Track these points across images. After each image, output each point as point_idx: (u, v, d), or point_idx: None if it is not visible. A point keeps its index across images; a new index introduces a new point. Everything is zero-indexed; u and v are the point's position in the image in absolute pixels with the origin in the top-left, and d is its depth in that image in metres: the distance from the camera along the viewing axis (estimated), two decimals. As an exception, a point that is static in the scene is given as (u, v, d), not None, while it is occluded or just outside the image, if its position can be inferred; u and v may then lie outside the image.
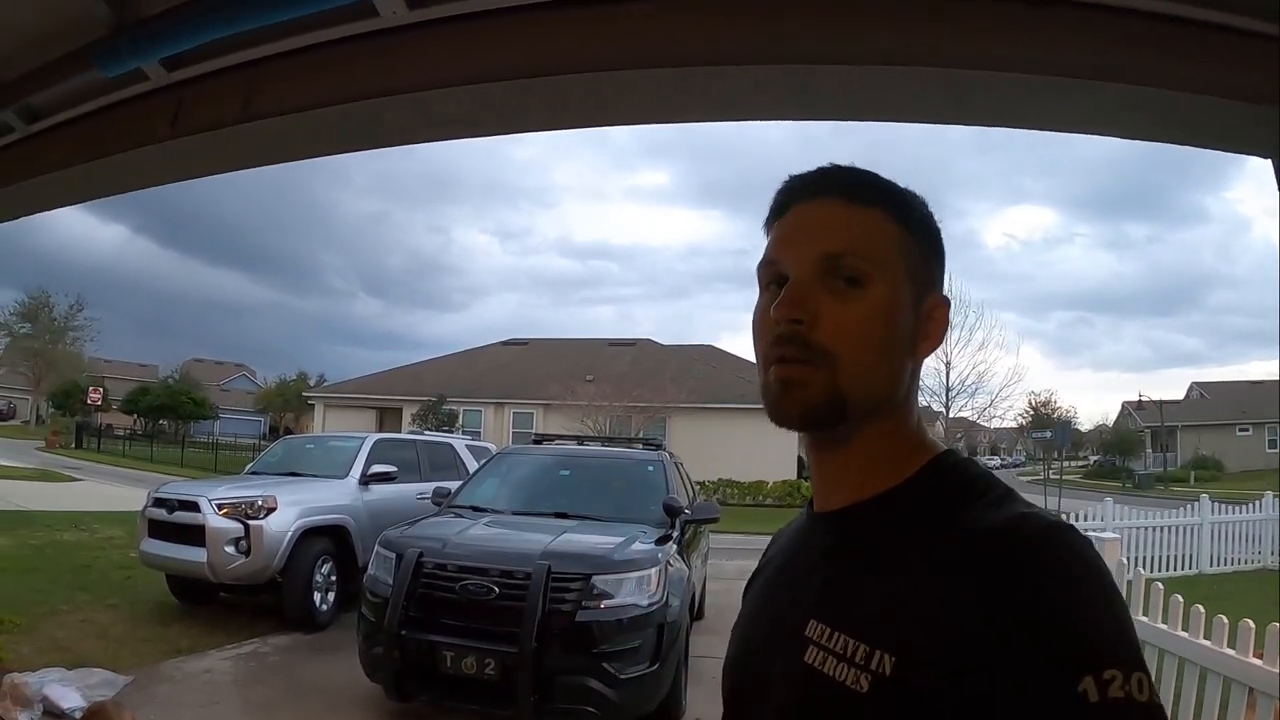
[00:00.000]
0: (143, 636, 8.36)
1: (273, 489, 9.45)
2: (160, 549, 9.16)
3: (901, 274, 1.03)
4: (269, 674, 7.66)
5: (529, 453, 9.96)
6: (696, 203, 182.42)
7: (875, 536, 1.00)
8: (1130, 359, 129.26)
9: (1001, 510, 0.93)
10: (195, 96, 1.91)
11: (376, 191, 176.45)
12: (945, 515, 0.95)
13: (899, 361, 1.04)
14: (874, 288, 1.01)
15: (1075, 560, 0.86)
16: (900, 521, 0.99)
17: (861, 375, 1.00)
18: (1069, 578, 0.85)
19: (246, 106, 1.84)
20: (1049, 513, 0.94)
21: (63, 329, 58.73)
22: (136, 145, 2.01)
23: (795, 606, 1.04)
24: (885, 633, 0.90)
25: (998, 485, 1.00)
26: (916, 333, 1.06)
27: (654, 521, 7.49)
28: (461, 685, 5.95)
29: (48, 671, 6.63)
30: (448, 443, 13.44)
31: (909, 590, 0.90)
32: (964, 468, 1.04)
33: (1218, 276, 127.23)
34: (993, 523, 0.91)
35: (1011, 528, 0.89)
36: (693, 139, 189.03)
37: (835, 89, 1.63)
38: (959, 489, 0.99)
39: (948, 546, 0.91)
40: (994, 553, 0.87)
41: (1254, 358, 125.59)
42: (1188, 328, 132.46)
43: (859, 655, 0.90)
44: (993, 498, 0.96)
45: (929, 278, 1.08)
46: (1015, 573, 0.84)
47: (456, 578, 6.14)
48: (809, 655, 0.96)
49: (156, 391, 57.87)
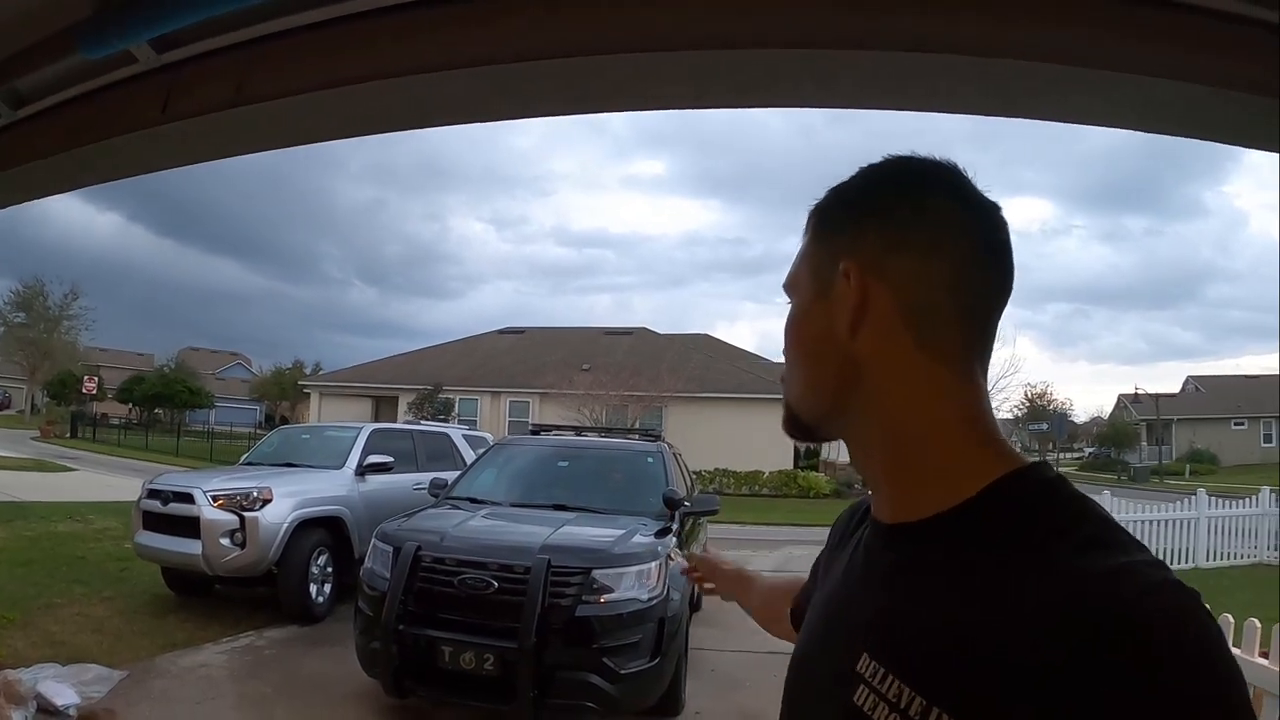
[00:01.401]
0: (138, 630, 8.32)
1: (268, 480, 9.40)
2: (155, 541, 9.12)
3: (806, 279, 1.02)
4: (265, 668, 7.61)
5: (527, 443, 9.93)
6: (694, 192, 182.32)
7: (941, 565, 0.88)
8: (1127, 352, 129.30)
9: (1101, 556, 0.77)
10: (186, 80, 1.84)
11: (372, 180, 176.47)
12: (1032, 550, 0.81)
13: (823, 362, 0.98)
14: (791, 307, 1.04)
15: (1207, 652, 0.72)
16: (972, 550, 0.85)
17: (791, 389, 1.03)
18: (1197, 678, 0.70)
19: (239, 90, 1.78)
20: (1168, 571, 0.77)
21: (58, 318, 58.53)
22: (127, 130, 1.95)
23: (849, 630, 0.95)
24: (945, 685, 0.79)
25: (1092, 516, 0.84)
26: (839, 321, 0.95)
27: (653, 513, 7.47)
28: (460, 681, 5.89)
29: (42, 667, 6.59)
30: (444, 433, 13.41)
31: (978, 637, 0.78)
32: (1055, 489, 0.88)
33: (1215, 270, 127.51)
34: (1089, 574, 0.76)
35: (1117, 587, 0.74)
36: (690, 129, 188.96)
37: (856, 75, 1.57)
38: (1045, 517, 0.84)
39: (1032, 593, 0.76)
40: (1097, 620, 0.72)
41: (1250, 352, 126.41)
42: (1184, 321, 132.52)
43: (915, 709, 0.80)
44: (1089, 533, 0.81)
45: (836, 253, 0.97)
46: (1126, 655, 0.70)
47: (455, 571, 6.08)
48: (859, 696, 0.87)
49: (152, 380, 57.74)
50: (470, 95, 1.74)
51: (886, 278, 0.94)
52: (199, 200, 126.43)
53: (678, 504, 7.68)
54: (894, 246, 0.94)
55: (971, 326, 0.95)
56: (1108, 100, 1.51)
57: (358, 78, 1.67)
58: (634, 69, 1.58)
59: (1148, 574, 0.76)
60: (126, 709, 6.15)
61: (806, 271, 1.02)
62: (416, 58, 1.63)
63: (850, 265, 0.94)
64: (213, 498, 8.90)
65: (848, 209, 1.00)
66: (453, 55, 1.60)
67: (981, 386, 0.96)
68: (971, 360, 0.95)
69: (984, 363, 0.97)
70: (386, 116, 1.90)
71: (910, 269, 0.94)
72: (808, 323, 1.00)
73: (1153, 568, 0.77)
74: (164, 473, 10.79)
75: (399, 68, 1.64)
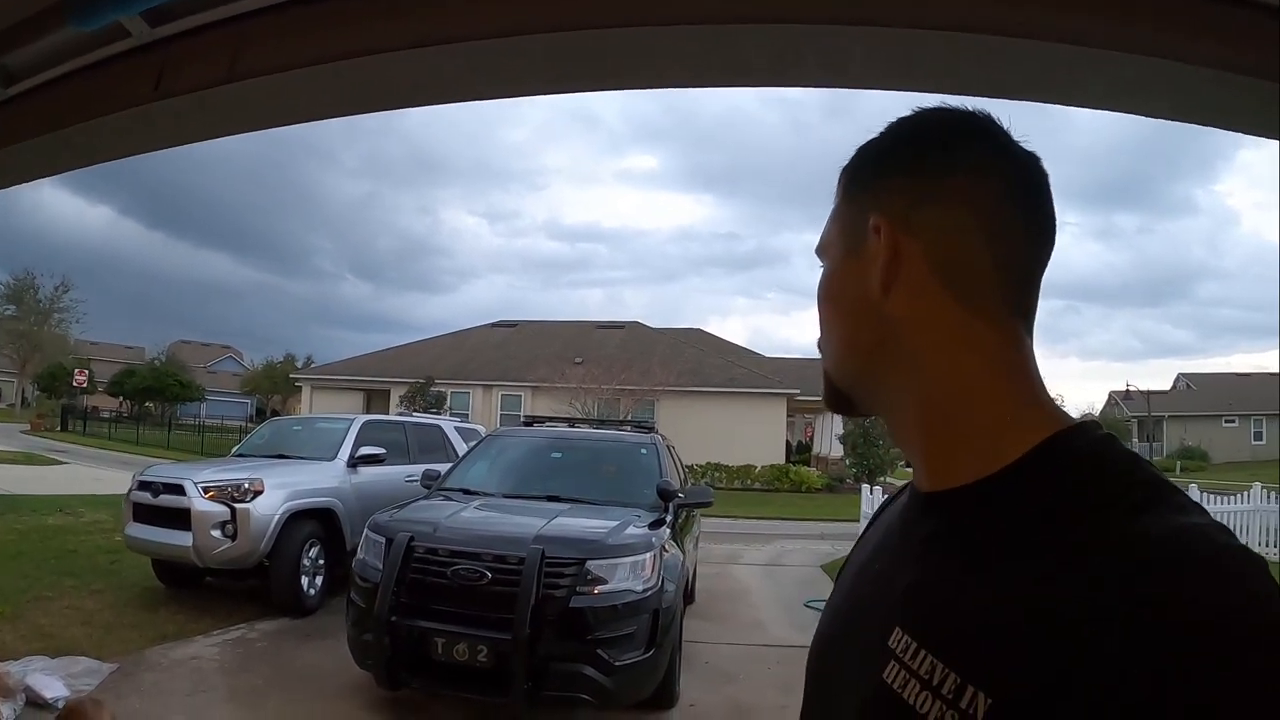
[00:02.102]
0: (128, 623, 8.29)
1: (259, 471, 9.38)
2: (146, 533, 9.09)
3: (836, 239, 0.98)
4: (256, 660, 7.59)
5: (520, 435, 9.93)
6: (687, 186, 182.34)
7: (981, 534, 0.81)
8: (1118, 349, 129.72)
9: (1157, 517, 0.71)
10: (180, 56, 1.81)
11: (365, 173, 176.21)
12: (1079, 515, 0.74)
13: (857, 324, 0.94)
14: (823, 270, 1.00)
15: (1270, 609, 0.65)
16: (1014, 517, 0.79)
17: (827, 356, 0.99)
18: (1261, 637, 0.63)
19: (233, 66, 1.74)
20: (1232, 536, 0.71)
21: (48, 311, 58.43)
22: (120, 108, 1.91)
23: (881, 604, 0.88)
24: (984, 663, 0.72)
25: (1147, 477, 0.77)
26: (871, 280, 0.90)
27: (647, 505, 7.45)
28: (454, 672, 5.88)
29: (31, 660, 6.57)
30: (436, 425, 13.42)
31: (1021, 611, 0.71)
32: (1104, 450, 0.81)
33: (1207, 269, 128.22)
34: (1145, 535, 0.70)
35: (1173, 546, 0.68)
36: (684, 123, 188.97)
37: (862, 53, 1.54)
38: (1095, 480, 0.78)
39: (1081, 561, 0.70)
40: (1149, 581, 0.66)
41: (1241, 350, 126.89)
42: (1176, 319, 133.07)
43: (947, 687, 0.74)
44: (1142, 496, 0.74)
45: (865, 209, 0.93)
46: (1180, 617, 0.64)
47: (448, 562, 6.05)
48: (889, 672, 0.81)
49: (143, 374, 57.69)
50: (464, 72, 1.71)
51: (916, 231, 0.88)
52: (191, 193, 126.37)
53: (672, 495, 7.66)
54: (923, 198, 0.89)
55: (1010, 278, 0.89)
56: (1111, 82, 1.50)
57: (352, 53, 1.64)
58: (633, 44, 1.56)
59: (1213, 537, 0.69)
60: (117, 702, 6.10)
61: (837, 231, 0.98)
62: (410, 33, 1.60)
63: (880, 220, 0.89)
64: (204, 489, 8.88)
65: (876, 163, 0.95)
66: (447, 31, 1.57)
67: (1025, 342, 0.90)
68: (1013, 314, 0.89)
69: (1028, 318, 0.90)
70: (380, 94, 1.87)
71: (940, 220, 0.88)
72: (839, 283, 0.96)
73: (1218, 531, 0.70)
74: (154, 465, 10.73)
75: (392, 43, 1.61)
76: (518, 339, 41.10)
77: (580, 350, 36.54)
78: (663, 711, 6.48)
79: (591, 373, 32.02)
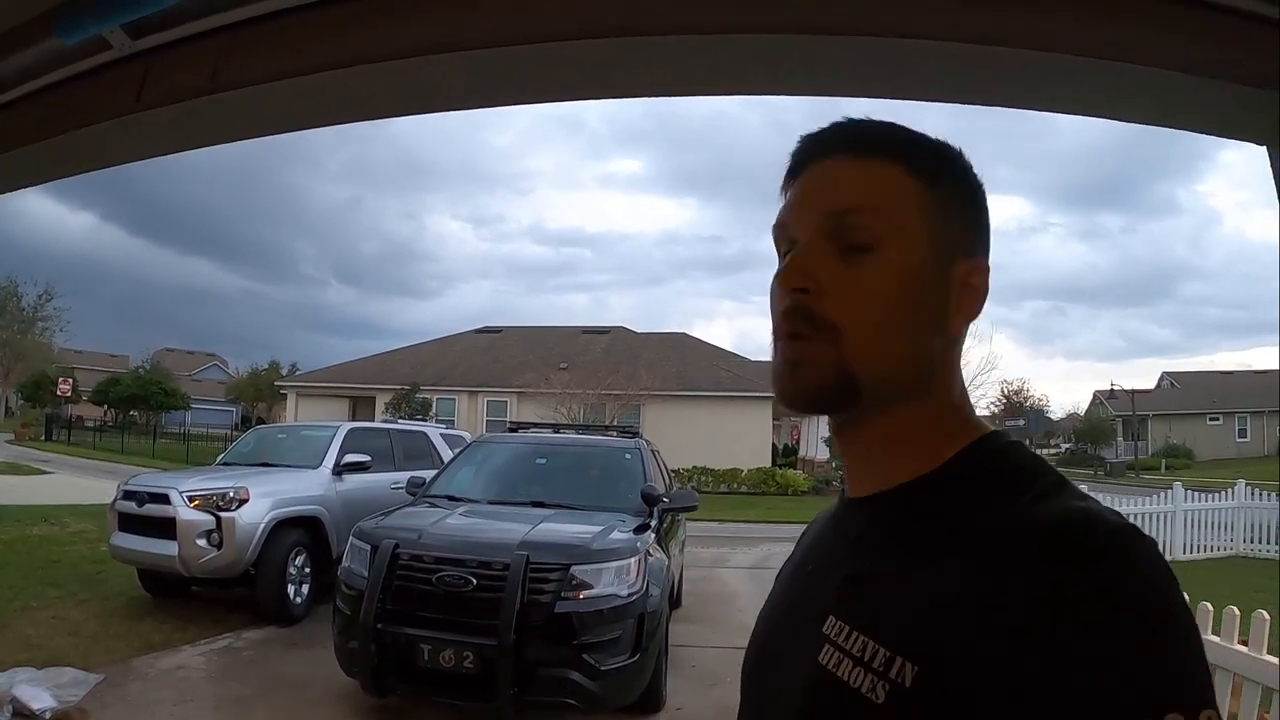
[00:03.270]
0: (114, 632, 8.28)
1: (245, 480, 9.37)
2: (131, 542, 9.08)
3: (920, 236, 0.93)
4: (243, 669, 7.60)
5: (505, 441, 9.93)
6: (671, 190, 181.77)
7: (905, 527, 0.90)
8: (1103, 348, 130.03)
9: (1056, 502, 0.81)
10: (161, 66, 1.82)
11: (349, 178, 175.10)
12: (987, 505, 0.84)
13: (920, 336, 0.93)
14: (886, 252, 0.91)
15: (1145, 571, 0.75)
16: (934, 511, 0.88)
17: (872, 351, 0.90)
18: (1136, 593, 0.74)
19: (214, 77, 1.76)
20: (1112, 511, 0.79)
21: (32, 319, 57.96)
22: (101, 119, 1.92)
23: (816, 599, 0.95)
24: (909, 638, 0.80)
25: (1047, 472, 0.88)
26: (945, 302, 0.94)
27: (632, 510, 7.49)
28: (440, 679, 5.89)
29: (17, 671, 6.55)
30: (422, 431, 13.40)
31: (939, 590, 0.80)
32: (1012, 451, 0.92)
33: (1190, 268, 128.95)
34: (1046, 518, 0.79)
35: (1070, 526, 0.77)
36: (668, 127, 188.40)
37: (843, 62, 1.57)
38: (1005, 475, 0.88)
39: (988, 543, 0.80)
40: (1042, 554, 0.76)
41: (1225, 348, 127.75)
42: (1160, 318, 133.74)
43: (878, 660, 0.81)
44: (1044, 486, 0.84)
45: (962, 239, 0.96)
46: (1067, 581, 0.73)
47: (433, 569, 6.07)
48: (824, 655, 0.88)
49: (127, 382, 57.34)
50: (445, 83, 1.73)
51: (988, 274, 0.99)
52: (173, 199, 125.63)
53: (656, 500, 7.70)
54: (986, 244, 1.01)
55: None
56: (1097, 89, 1.52)
57: (333, 64, 1.66)
58: (617, 54, 1.58)
59: (1104, 516, 0.78)
60: (103, 712, 6.11)
61: (921, 227, 0.94)
62: (391, 44, 1.62)
63: (986, 265, 0.99)
64: (189, 498, 8.87)
65: (969, 197, 1.01)
66: (429, 41, 1.59)
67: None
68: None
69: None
70: (362, 104, 1.89)
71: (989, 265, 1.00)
72: (917, 285, 0.93)
73: (1109, 512, 0.79)
74: (138, 474, 10.71)
75: (373, 54, 1.63)
76: (503, 344, 41.05)
77: (566, 355, 36.53)
78: (649, 715, 6.51)
79: (577, 378, 32.00)
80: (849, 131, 0.99)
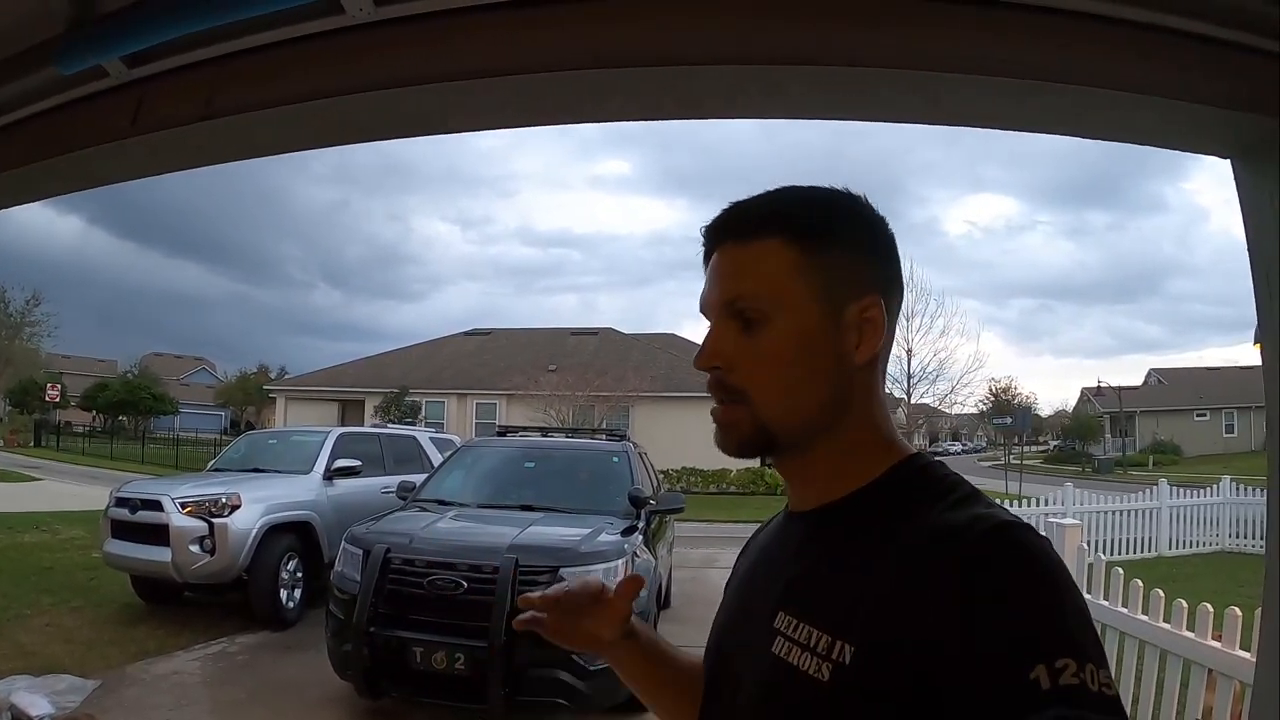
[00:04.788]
0: (109, 639, 8.32)
1: (236, 486, 9.42)
2: (124, 549, 9.11)
3: (805, 298, 1.06)
4: (238, 674, 7.64)
5: (494, 445, 9.99)
6: (659, 191, 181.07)
7: (842, 534, 1.05)
8: (1091, 346, 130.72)
9: (962, 510, 0.96)
10: (156, 93, 1.88)
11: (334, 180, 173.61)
12: (909, 514, 0.99)
13: (821, 383, 1.07)
14: (776, 322, 1.06)
15: (1029, 555, 0.89)
16: (866, 520, 1.03)
17: (779, 407, 1.07)
18: (1023, 571, 0.88)
19: (209, 104, 1.83)
20: (1007, 512, 0.96)
21: (19, 324, 57.40)
22: (96, 142, 1.98)
23: (766, 599, 1.09)
24: (847, 624, 0.94)
25: (962, 486, 1.03)
26: (844, 345, 1.07)
27: (620, 512, 7.57)
28: (432, 681, 5.97)
29: (14, 679, 6.59)
30: (412, 436, 13.46)
31: (870, 583, 0.94)
32: (930, 470, 1.07)
33: (1177, 265, 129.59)
34: (953, 520, 0.94)
35: (969, 524, 0.92)
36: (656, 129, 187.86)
37: (806, 90, 1.65)
38: (924, 489, 1.03)
39: (909, 543, 0.94)
40: (951, 548, 0.90)
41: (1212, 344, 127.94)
42: (1148, 315, 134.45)
43: (821, 645, 0.96)
44: (955, 498, 1.00)
45: (851, 283, 1.07)
46: (970, 566, 0.88)
47: (424, 573, 6.15)
48: (776, 646, 1.02)
49: (115, 387, 57.09)
50: (429, 110, 1.79)
51: (890, 309, 1.10)
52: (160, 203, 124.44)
53: (643, 502, 7.78)
54: (892, 282, 1.12)
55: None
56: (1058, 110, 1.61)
57: (324, 93, 1.73)
58: (587, 85, 1.66)
59: (998, 515, 0.94)
60: (102, 717, 6.17)
61: (804, 289, 1.06)
62: (378, 75, 1.69)
63: (877, 299, 1.08)
64: (181, 505, 8.91)
65: (831, 234, 1.10)
66: (413, 72, 1.66)
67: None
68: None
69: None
70: (351, 129, 1.95)
71: (898, 302, 1.13)
72: (809, 342, 1.06)
73: (1004, 513, 0.95)
74: (130, 480, 10.72)
75: (362, 84, 1.71)
76: (492, 347, 41.00)
77: (554, 357, 36.47)
78: (638, 715, 6.56)
79: (566, 380, 31.96)
80: (733, 218, 1.13)
